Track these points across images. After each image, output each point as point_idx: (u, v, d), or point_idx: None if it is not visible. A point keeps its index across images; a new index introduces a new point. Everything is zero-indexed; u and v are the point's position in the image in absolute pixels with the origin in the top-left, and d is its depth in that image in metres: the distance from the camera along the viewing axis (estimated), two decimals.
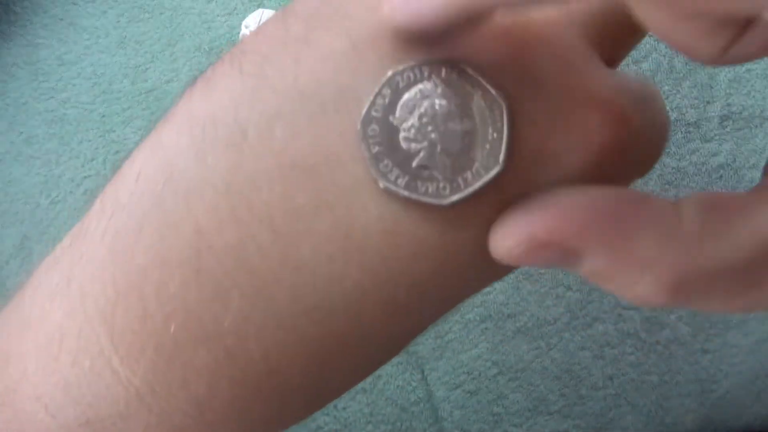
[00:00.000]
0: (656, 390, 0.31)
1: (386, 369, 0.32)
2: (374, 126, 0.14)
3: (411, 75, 0.14)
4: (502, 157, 0.14)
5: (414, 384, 0.31)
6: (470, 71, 0.14)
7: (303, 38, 0.14)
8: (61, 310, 0.15)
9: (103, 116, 0.35)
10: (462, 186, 0.14)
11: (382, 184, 0.14)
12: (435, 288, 0.15)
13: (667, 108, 0.33)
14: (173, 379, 0.14)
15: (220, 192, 0.14)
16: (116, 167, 0.15)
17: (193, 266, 0.14)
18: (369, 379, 0.29)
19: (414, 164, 0.14)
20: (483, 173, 0.14)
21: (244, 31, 0.36)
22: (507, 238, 0.13)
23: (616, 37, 0.15)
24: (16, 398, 0.15)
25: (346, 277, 0.14)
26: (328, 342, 0.14)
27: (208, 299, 0.14)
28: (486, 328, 0.32)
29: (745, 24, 0.13)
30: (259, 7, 0.37)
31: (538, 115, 0.14)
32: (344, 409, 0.31)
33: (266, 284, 0.14)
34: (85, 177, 0.35)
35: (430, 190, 0.14)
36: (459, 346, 0.32)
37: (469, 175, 0.14)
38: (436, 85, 0.14)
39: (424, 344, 0.32)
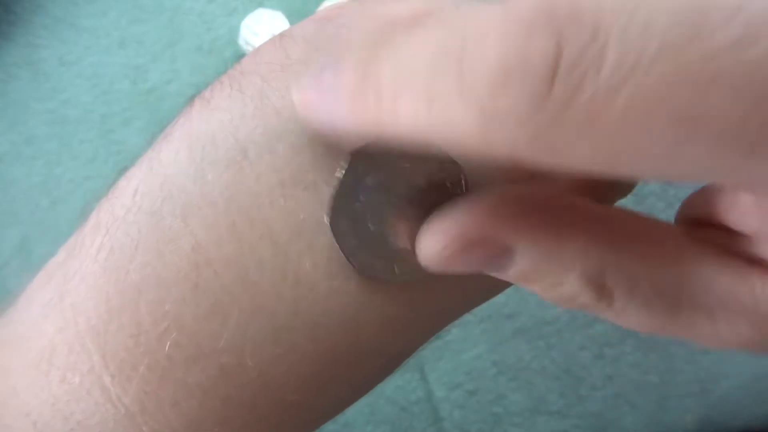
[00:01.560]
0: (656, 390, 0.31)
1: None
2: (343, 219, 0.13)
3: (368, 159, 0.13)
4: None
5: (414, 384, 0.31)
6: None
7: (302, 60, 0.14)
8: (53, 326, 0.14)
9: (104, 116, 0.35)
10: None
11: (364, 275, 0.14)
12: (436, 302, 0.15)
13: None
14: (165, 397, 0.14)
15: (220, 208, 0.14)
16: (116, 175, 0.15)
17: (191, 281, 0.14)
18: None
19: (389, 247, 0.14)
20: None
21: (244, 31, 0.36)
22: (437, 241, 0.13)
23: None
24: (4, 414, 0.15)
25: (345, 293, 0.14)
26: (325, 358, 0.14)
27: (205, 315, 0.13)
28: (486, 329, 0.32)
29: None
30: (259, 7, 0.37)
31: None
32: None
33: (267, 299, 0.14)
34: (85, 177, 0.35)
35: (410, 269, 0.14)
36: (459, 346, 0.32)
37: None
38: (400, 163, 0.14)
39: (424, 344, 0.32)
